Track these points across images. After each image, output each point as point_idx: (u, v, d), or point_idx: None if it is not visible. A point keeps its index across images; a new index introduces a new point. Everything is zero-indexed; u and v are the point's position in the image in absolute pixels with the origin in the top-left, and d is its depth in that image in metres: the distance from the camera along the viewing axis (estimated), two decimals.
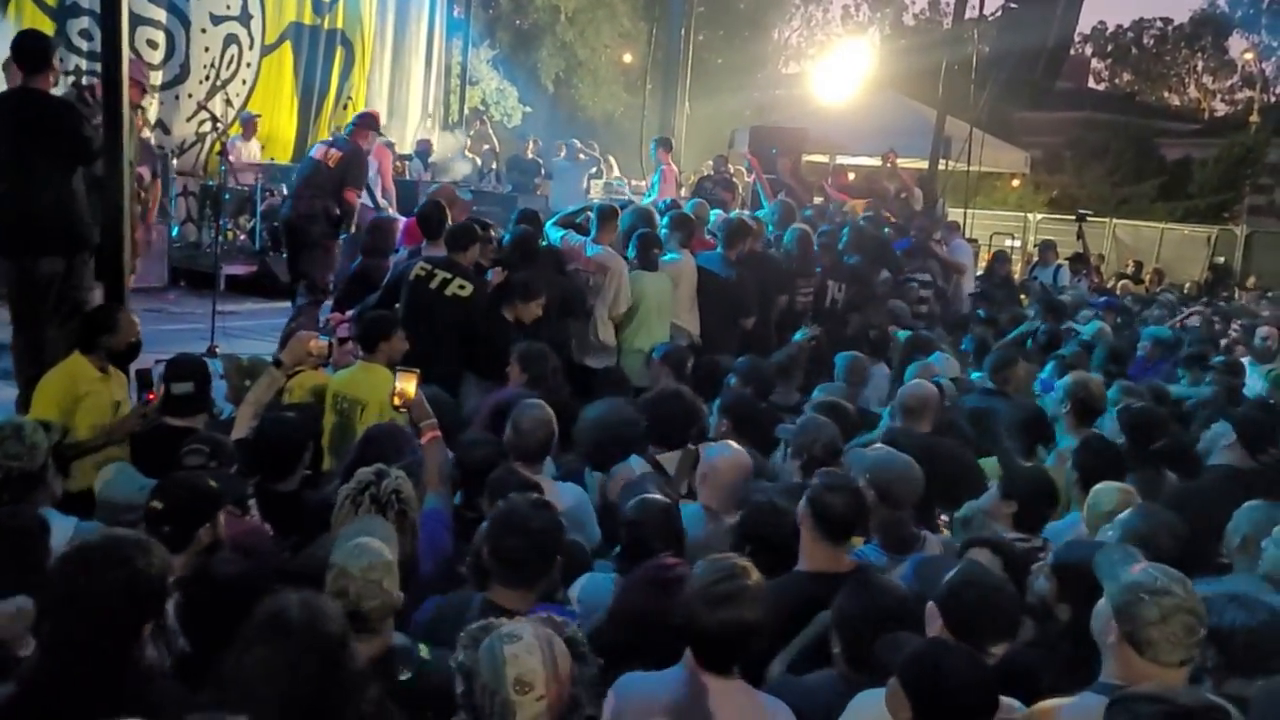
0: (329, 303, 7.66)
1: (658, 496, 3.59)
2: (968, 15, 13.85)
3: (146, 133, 8.74)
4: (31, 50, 5.64)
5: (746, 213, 9.50)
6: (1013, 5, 12.83)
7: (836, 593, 3.00)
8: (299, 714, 2.25)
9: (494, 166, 15.64)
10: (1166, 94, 55.57)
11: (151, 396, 4.92)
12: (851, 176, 14.07)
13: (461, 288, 5.92)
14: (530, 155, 16.00)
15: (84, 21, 11.05)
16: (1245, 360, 7.68)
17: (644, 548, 3.29)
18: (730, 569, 2.65)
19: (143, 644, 2.53)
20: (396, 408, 3.98)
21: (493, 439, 4.16)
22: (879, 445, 4.35)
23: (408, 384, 3.88)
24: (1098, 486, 3.89)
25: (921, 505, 3.99)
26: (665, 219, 7.72)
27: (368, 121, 8.37)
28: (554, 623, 2.39)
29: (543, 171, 15.17)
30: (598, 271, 6.91)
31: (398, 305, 6.01)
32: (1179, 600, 2.49)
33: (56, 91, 5.91)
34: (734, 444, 4.32)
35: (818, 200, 12.05)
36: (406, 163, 13.92)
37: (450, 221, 6.41)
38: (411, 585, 2.99)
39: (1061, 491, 4.21)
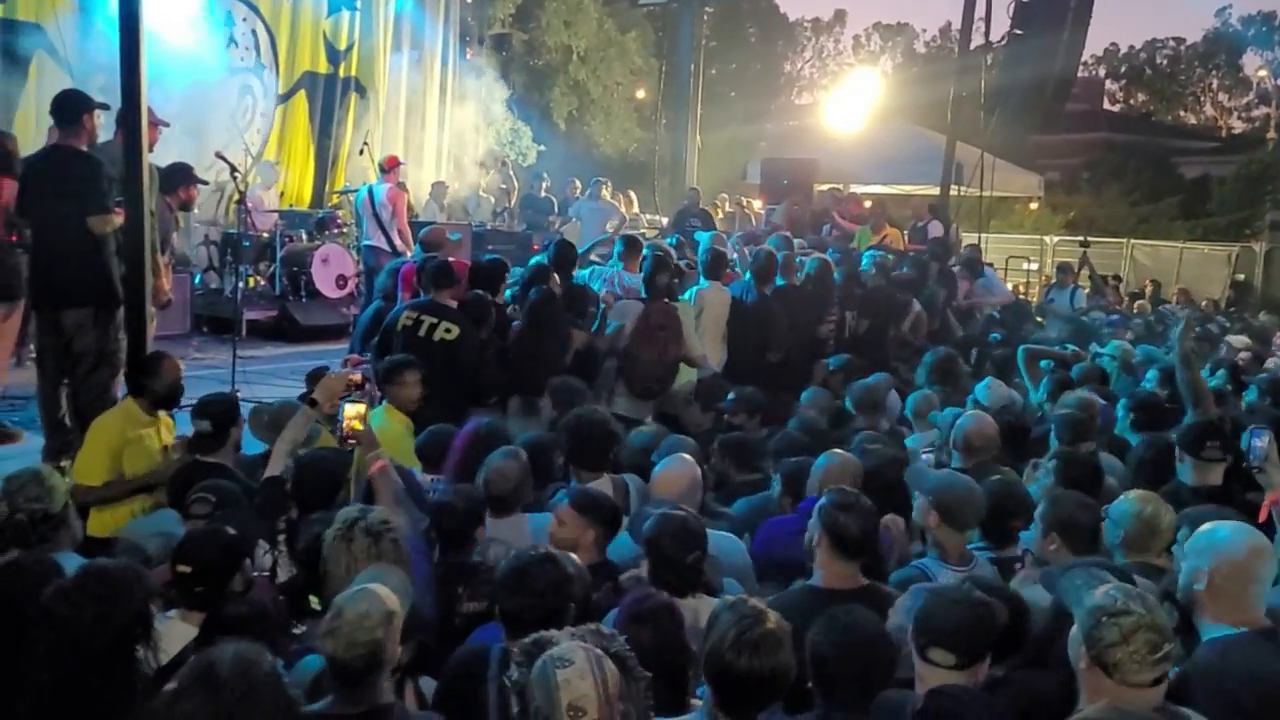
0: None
1: (674, 510, 3.50)
2: (975, 44, 13.94)
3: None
4: (63, 108, 5.82)
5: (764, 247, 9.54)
6: (1018, 32, 12.89)
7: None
8: None
9: (509, 205, 15.83)
10: (1182, 113, 55.38)
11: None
12: (868, 204, 14.05)
13: (448, 331, 6.09)
14: (543, 194, 16.17)
15: (101, 79, 11.28)
16: None
17: (670, 563, 3.31)
18: (755, 614, 2.61)
19: (134, 671, 2.58)
20: (345, 438, 4.01)
21: (464, 501, 3.90)
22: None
23: (355, 415, 3.96)
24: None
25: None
26: (703, 255, 8.00)
27: None
28: (601, 636, 2.35)
29: (556, 209, 15.32)
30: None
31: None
32: (1139, 618, 2.49)
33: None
34: (685, 455, 4.38)
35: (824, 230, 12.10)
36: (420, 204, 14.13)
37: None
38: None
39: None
